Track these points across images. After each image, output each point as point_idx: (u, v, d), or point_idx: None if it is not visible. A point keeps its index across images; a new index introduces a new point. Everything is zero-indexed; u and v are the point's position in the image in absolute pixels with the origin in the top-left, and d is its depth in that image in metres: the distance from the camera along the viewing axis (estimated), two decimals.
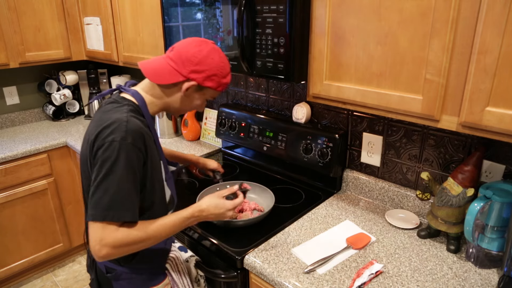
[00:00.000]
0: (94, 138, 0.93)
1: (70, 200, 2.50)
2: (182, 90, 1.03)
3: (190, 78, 1.01)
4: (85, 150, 0.99)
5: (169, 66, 1.01)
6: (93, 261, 1.16)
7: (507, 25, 0.80)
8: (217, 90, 1.07)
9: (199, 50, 1.01)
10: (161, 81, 1.02)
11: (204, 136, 2.25)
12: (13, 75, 2.63)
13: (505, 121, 0.85)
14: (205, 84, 1.03)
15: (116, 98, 1.03)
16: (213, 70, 1.02)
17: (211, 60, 1.02)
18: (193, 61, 1.00)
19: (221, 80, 1.05)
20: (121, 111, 0.96)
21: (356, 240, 1.25)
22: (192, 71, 1.00)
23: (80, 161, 1.06)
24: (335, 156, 1.50)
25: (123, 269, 1.09)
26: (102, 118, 0.96)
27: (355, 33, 1.08)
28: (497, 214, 1.06)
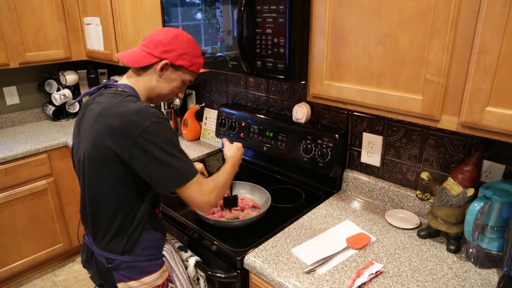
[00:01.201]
0: (123, 129, 0.98)
1: (70, 200, 2.50)
2: (157, 71, 1.11)
3: (162, 58, 1.10)
4: (104, 143, 1.01)
5: (143, 52, 1.11)
6: (91, 254, 1.19)
7: (507, 25, 0.80)
8: (190, 69, 1.15)
9: (167, 33, 1.11)
10: (138, 64, 1.10)
11: (204, 136, 2.25)
12: (13, 75, 2.63)
13: (505, 121, 0.85)
14: (177, 62, 1.12)
15: (115, 91, 1.09)
16: (183, 49, 1.12)
17: (180, 40, 1.12)
18: (163, 42, 1.10)
19: (193, 60, 1.14)
20: (132, 101, 1.04)
21: (356, 240, 1.25)
22: (163, 51, 1.10)
23: (85, 156, 1.07)
24: (335, 156, 1.50)
25: (124, 258, 1.12)
26: (118, 111, 1.01)
27: (355, 33, 1.08)
28: (497, 214, 1.06)
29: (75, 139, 1.16)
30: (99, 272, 1.18)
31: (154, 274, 1.15)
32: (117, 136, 0.99)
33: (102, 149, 1.02)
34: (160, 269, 1.17)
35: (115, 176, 1.04)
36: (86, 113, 1.12)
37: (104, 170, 1.04)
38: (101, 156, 1.03)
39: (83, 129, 1.10)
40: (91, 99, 1.14)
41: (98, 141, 1.02)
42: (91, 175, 1.07)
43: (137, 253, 1.13)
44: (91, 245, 1.18)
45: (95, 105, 1.09)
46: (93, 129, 1.05)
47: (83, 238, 1.25)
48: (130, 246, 1.12)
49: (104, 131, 1.01)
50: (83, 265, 1.27)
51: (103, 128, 1.02)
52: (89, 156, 1.06)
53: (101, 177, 1.05)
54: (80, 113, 1.16)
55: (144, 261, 1.14)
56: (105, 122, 1.01)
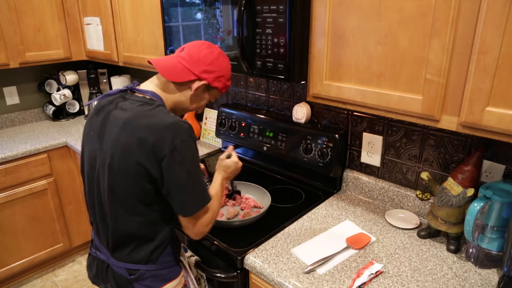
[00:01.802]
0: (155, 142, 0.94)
1: (70, 200, 2.50)
2: (192, 89, 1.07)
3: (201, 78, 1.06)
4: (132, 154, 0.96)
5: (182, 65, 1.05)
6: (107, 267, 1.12)
7: (507, 25, 0.80)
8: (221, 91, 1.13)
9: (210, 51, 1.07)
10: (174, 78, 1.05)
11: (204, 136, 2.25)
12: (13, 75, 2.63)
13: (505, 121, 0.85)
14: (214, 84, 1.09)
15: (143, 99, 1.03)
16: (222, 71, 1.09)
17: (221, 62, 1.09)
18: (205, 61, 1.06)
19: (226, 82, 1.13)
20: (164, 113, 1.00)
21: (356, 240, 1.25)
22: (204, 71, 1.06)
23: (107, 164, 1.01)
24: (335, 156, 1.50)
25: (147, 267, 1.07)
26: (150, 122, 0.97)
27: (355, 33, 1.08)
28: (497, 214, 1.06)
29: (93, 144, 1.07)
30: (118, 285, 1.11)
31: (175, 280, 1.12)
32: (149, 150, 0.94)
33: (132, 162, 0.96)
34: (180, 275, 1.15)
35: (143, 189, 0.99)
36: (109, 119, 1.03)
37: (132, 182, 0.98)
38: (130, 169, 0.97)
39: (108, 136, 1.02)
40: (110, 103, 1.07)
41: (127, 153, 0.97)
42: (114, 184, 1.00)
43: (160, 261, 1.09)
44: (107, 257, 1.11)
45: (118, 111, 1.03)
46: (120, 138, 0.98)
47: (91, 252, 1.18)
48: (156, 256, 1.07)
49: (134, 143, 0.95)
50: (92, 281, 1.20)
51: (132, 139, 0.96)
52: (115, 167, 0.99)
53: (130, 189, 0.99)
54: (99, 116, 1.07)
55: (165, 268, 1.10)
56: (135, 133, 0.96)
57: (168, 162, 0.95)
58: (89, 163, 1.09)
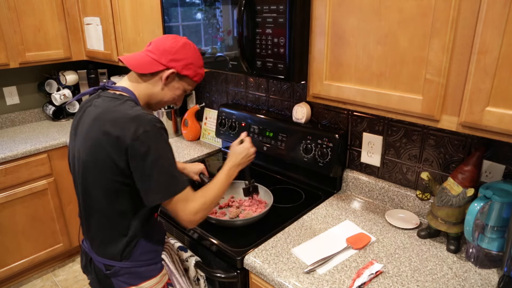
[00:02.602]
0: (119, 135, 0.97)
1: (70, 200, 2.50)
2: (163, 79, 1.10)
3: (169, 67, 1.09)
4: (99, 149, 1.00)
5: (149, 58, 1.09)
6: (90, 260, 1.17)
7: (507, 25, 0.80)
8: (193, 79, 1.15)
9: (175, 41, 1.10)
10: (144, 70, 1.08)
11: (204, 136, 2.25)
12: (13, 75, 2.62)
13: (505, 121, 0.85)
14: (183, 72, 1.11)
15: (113, 95, 1.07)
16: (189, 59, 1.12)
17: (187, 50, 1.12)
18: (171, 51, 1.09)
19: (197, 70, 1.15)
20: (130, 107, 1.03)
21: (356, 240, 1.25)
22: (171, 60, 1.09)
23: (80, 161, 1.06)
24: (335, 156, 1.50)
25: (122, 264, 1.10)
26: (115, 116, 1.00)
27: (355, 33, 1.08)
28: (497, 214, 1.06)
29: (72, 142, 1.14)
30: (98, 278, 1.16)
31: (154, 278, 1.14)
32: (114, 143, 0.97)
33: (100, 155, 1.00)
34: (160, 274, 1.16)
35: (112, 182, 1.02)
36: (83, 116, 1.10)
37: (101, 176, 1.02)
38: (98, 162, 1.01)
39: (80, 132, 1.08)
40: (88, 101, 1.13)
41: (95, 147, 1.01)
42: (87, 180, 1.05)
43: (135, 258, 1.11)
44: (90, 251, 1.15)
45: (92, 108, 1.08)
46: (89, 133, 1.03)
47: (82, 244, 1.23)
48: (128, 252, 1.09)
49: (101, 137, 0.99)
50: (83, 271, 1.25)
51: (99, 134, 1.00)
52: (85, 162, 1.04)
53: (98, 183, 1.03)
54: (77, 115, 1.14)
55: (143, 266, 1.12)
56: (101, 128, 1.00)
57: (132, 152, 0.97)
58: (71, 159, 1.14)
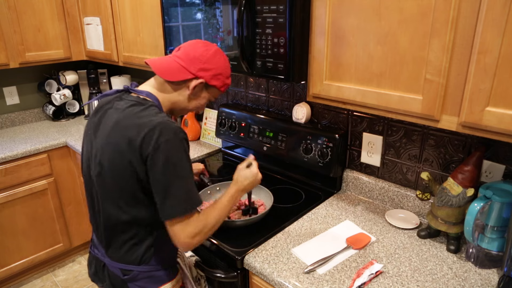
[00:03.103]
0: (141, 142, 0.94)
1: (70, 200, 2.50)
2: (190, 88, 1.06)
3: (198, 76, 1.05)
4: (120, 154, 0.97)
5: (178, 64, 1.05)
6: (103, 266, 1.13)
7: (507, 25, 0.80)
8: (220, 89, 1.12)
9: (206, 49, 1.06)
10: (171, 78, 1.04)
11: (204, 136, 2.25)
12: (13, 75, 2.63)
13: (505, 121, 0.85)
14: (211, 82, 1.08)
15: (136, 99, 1.03)
16: (219, 69, 1.08)
17: (218, 59, 1.08)
18: (201, 59, 1.05)
19: (225, 80, 1.11)
20: (154, 113, 0.99)
21: (356, 240, 1.25)
22: (200, 69, 1.05)
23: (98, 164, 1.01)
24: (335, 156, 1.50)
25: (141, 268, 1.07)
26: (138, 122, 0.96)
27: (355, 33, 1.08)
28: (497, 214, 1.06)
29: (88, 142, 1.09)
30: (113, 284, 1.12)
31: (171, 282, 1.12)
32: (135, 149, 0.94)
33: (121, 161, 0.97)
34: (176, 277, 1.14)
35: (134, 188, 0.99)
36: (104, 118, 1.05)
37: (121, 181, 0.99)
38: (119, 167, 0.97)
39: (100, 134, 1.03)
40: (108, 102, 1.08)
41: (116, 152, 0.97)
42: (107, 186, 1.01)
43: (154, 262, 1.08)
44: (103, 256, 1.12)
45: (113, 110, 1.04)
46: (110, 137, 0.99)
47: (90, 250, 1.19)
48: (149, 257, 1.07)
49: (122, 143, 0.96)
50: (92, 279, 1.21)
51: (121, 139, 0.97)
52: (105, 166, 1.00)
53: (117, 187, 1.00)
54: (97, 115, 1.08)
55: (160, 270, 1.10)
56: (123, 133, 0.97)
57: (151, 160, 0.94)
58: (86, 162, 1.10)
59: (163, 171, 0.94)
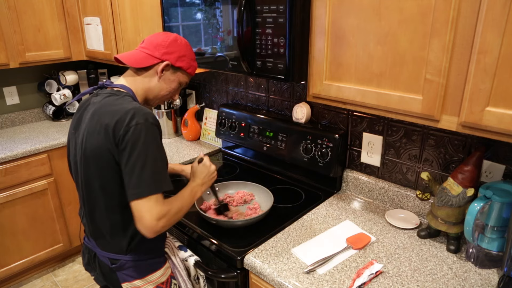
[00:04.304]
0: (114, 127, 0.98)
1: (70, 200, 2.50)
2: (158, 72, 1.14)
3: (163, 59, 1.13)
4: (98, 141, 1.01)
5: (144, 53, 1.14)
6: (94, 256, 1.18)
7: (507, 25, 0.80)
8: (187, 71, 1.19)
9: (166, 36, 1.15)
10: (139, 64, 1.12)
11: (204, 136, 2.25)
12: (13, 75, 2.63)
13: (505, 121, 0.85)
14: (177, 64, 1.15)
15: (110, 91, 1.10)
16: (182, 51, 1.16)
17: (179, 43, 1.16)
18: (163, 45, 1.13)
19: (190, 62, 1.19)
20: (127, 101, 1.05)
21: (356, 240, 1.25)
22: (164, 53, 1.13)
23: (81, 156, 1.06)
24: (335, 156, 1.50)
25: (128, 257, 1.11)
26: (112, 109, 1.02)
27: (355, 33, 1.08)
28: (497, 214, 1.06)
29: (72, 140, 1.15)
30: (103, 273, 1.18)
31: (158, 271, 1.16)
32: (110, 134, 0.99)
33: (99, 148, 1.01)
34: (164, 266, 1.18)
35: (112, 174, 1.02)
36: (83, 114, 1.11)
37: (101, 168, 1.03)
38: (97, 155, 1.02)
39: (81, 129, 1.09)
40: (86, 100, 1.15)
41: (94, 140, 1.02)
42: (88, 174, 1.06)
43: (140, 251, 1.13)
44: (93, 246, 1.17)
45: (91, 105, 1.10)
46: (88, 128, 1.04)
47: (84, 240, 1.24)
48: (134, 246, 1.11)
49: (99, 130, 1.01)
50: (85, 268, 1.26)
51: (97, 126, 1.01)
52: (85, 155, 1.05)
53: (99, 176, 1.04)
54: (76, 115, 1.15)
55: (147, 259, 1.14)
56: (99, 121, 1.02)
57: (122, 143, 0.98)
58: (73, 159, 1.15)
59: (131, 152, 0.97)
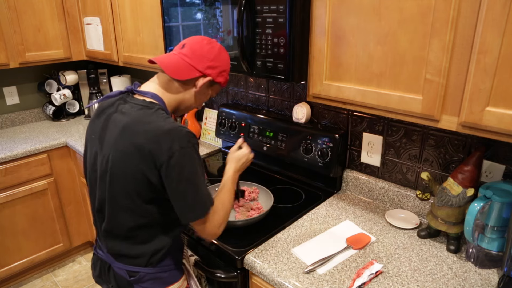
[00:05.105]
0: (152, 150, 0.93)
1: (70, 200, 2.50)
2: (198, 86, 1.06)
3: (206, 74, 1.05)
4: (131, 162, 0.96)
5: (185, 62, 1.04)
6: (109, 268, 1.13)
7: (507, 25, 0.80)
8: (222, 86, 1.14)
9: (212, 47, 1.06)
10: (179, 76, 1.03)
11: (204, 136, 2.25)
12: (13, 75, 2.63)
13: (505, 121, 0.85)
14: (217, 79, 1.09)
15: (143, 103, 1.01)
16: (224, 66, 1.09)
17: (223, 56, 1.09)
18: (208, 57, 1.05)
19: (227, 76, 1.13)
20: (162, 117, 0.98)
21: (356, 240, 1.25)
22: (208, 67, 1.05)
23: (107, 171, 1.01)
24: (335, 156, 1.50)
25: (147, 270, 1.07)
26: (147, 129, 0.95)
27: (355, 33, 1.08)
28: (497, 214, 1.06)
29: (92, 146, 1.07)
30: (119, 286, 1.12)
31: (176, 283, 1.12)
32: (146, 157, 0.94)
33: (130, 168, 0.96)
34: (182, 278, 1.15)
35: (142, 195, 0.99)
36: (109, 122, 1.03)
37: (131, 188, 0.98)
38: (128, 174, 0.97)
39: (107, 140, 1.01)
40: (111, 105, 1.06)
41: (125, 160, 0.96)
42: (114, 191, 1.01)
43: (161, 264, 1.09)
44: (108, 258, 1.11)
45: (118, 114, 1.01)
46: (118, 143, 0.98)
47: (95, 251, 1.19)
48: (156, 259, 1.07)
49: (132, 150, 0.95)
50: (96, 281, 1.21)
51: (130, 146, 0.95)
52: (112, 173, 0.99)
53: (128, 194, 0.99)
54: (100, 118, 1.07)
55: (167, 271, 1.10)
56: (132, 139, 0.95)
57: (167, 169, 0.94)
58: (91, 166, 1.09)
59: (179, 177, 0.95)
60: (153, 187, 0.97)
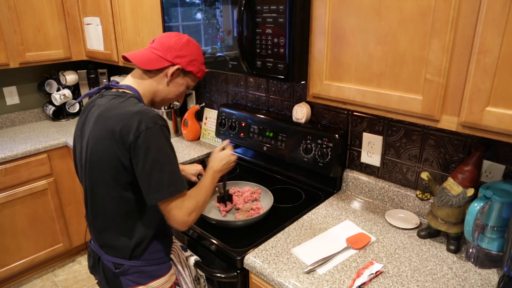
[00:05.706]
0: (121, 132, 0.97)
1: (70, 200, 2.50)
2: (168, 75, 1.11)
3: (174, 63, 1.11)
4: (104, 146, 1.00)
5: (155, 55, 1.10)
6: (98, 260, 1.17)
7: (507, 25, 0.80)
8: (197, 75, 1.18)
9: (179, 38, 1.13)
10: (149, 66, 1.09)
11: (204, 136, 2.25)
12: (13, 75, 2.63)
13: (505, 121, 0.85)
14: (188, 68, 1.13)
15: (116, 93, 1.08)
16: (193, 55, 1.14)
17: (191, 47, 1.14)
18: (175, 47, 1.11)
19: (200, 66, 1.17)
20: (133, 103, 1.03)
21: (356, 240, 1.25)
22: (176, 56, 1.11)
23: (86, 160, 1.05)
24: (335, 156, 1.50)
25: (131, 263, 1.10)
26: (117, 113, 1.00)
27: (355, 33, 1.08)
28: (497, 214, 1.06)
29: (77, 142, 1.13)
30: (106, 277, 1.16)
31: (162, 278, 1.14)
32: (117, 139, 0.97)
33: (105, 152, 0.99)
34: (168, 273, 1.16)
35: (119, 180, 1.01)
36: (88, 116, 1.09)
37: (107, 174, 1.01)
38: (103, 160, 1.00)
39: (85, 132, 1.07)
40: (91, 102, 1.12)
41: (99, 145, 1.00)
42: (93, 179, 1.04)
43: (145, 257, 1.11)
44: (98, 250, 1.15)
45: (95, 107, 1.07)
46: (93, 132, 1.03)
47: (90, 244, 1.22)
48: (139, 252, 1.09)
49: (105, 134, 0.99)
50: (90, 271, 1.25)
51: (103, 131, 1.00)
52: (90, 160, 1.03)
53: (105, 181, 1.02)
54: (82, 117, 1.13)
55: (152, 265, 1.12)
56: (105, 125, 1.00)
57: (134, 149, 0.97)
58: (79, 162, 1.14)
59: (145, 157, 0.97)
60: (127, 171, 1.00)
